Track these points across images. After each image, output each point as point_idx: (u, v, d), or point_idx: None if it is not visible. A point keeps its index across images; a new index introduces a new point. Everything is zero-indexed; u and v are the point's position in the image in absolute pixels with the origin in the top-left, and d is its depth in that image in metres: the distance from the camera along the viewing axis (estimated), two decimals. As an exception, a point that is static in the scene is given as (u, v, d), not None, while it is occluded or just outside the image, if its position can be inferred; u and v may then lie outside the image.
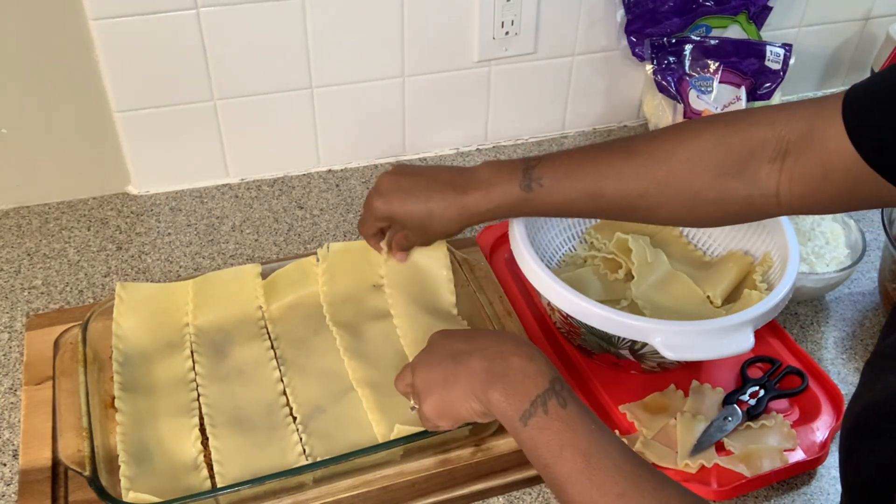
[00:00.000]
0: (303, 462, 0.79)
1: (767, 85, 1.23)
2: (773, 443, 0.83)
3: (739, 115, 0.74)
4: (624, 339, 0.82)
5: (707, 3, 1.23)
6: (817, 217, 1.03)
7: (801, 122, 0.68)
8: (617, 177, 0.75)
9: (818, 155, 0.67)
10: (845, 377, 0.94)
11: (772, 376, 0.90)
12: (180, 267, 1.06)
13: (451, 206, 0.81)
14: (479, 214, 0.81)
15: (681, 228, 1.02)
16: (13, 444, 0.84)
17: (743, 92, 1.20)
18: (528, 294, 0.99)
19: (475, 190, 0.81)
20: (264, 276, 0.95)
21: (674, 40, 1.21)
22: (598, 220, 1.03)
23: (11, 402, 0.88)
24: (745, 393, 0.87)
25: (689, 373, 0.91)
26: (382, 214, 0.86)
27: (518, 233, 0.87)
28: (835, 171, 0.66)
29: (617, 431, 0.81)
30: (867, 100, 0.65)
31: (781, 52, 1.22)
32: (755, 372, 0.91)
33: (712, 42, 1.21)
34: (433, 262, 0.95)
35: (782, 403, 0.89)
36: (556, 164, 0.78)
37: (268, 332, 0.93)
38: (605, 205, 0.77)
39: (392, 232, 0.91)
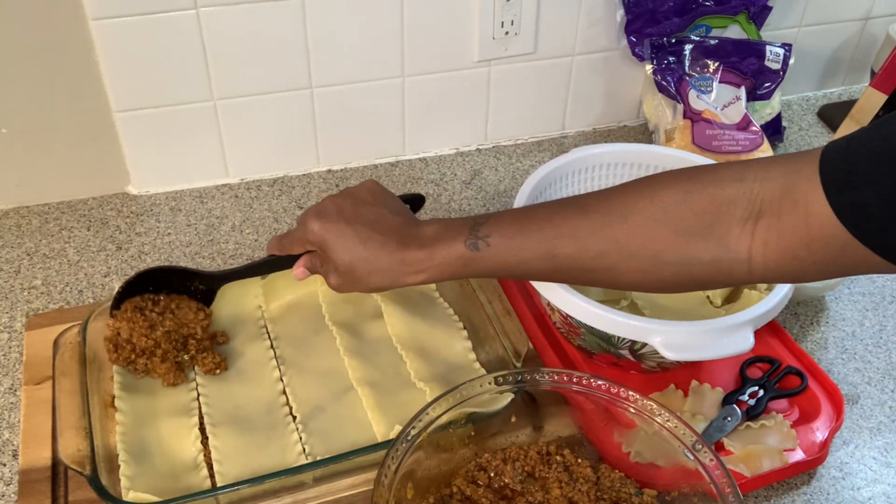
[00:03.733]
0: (302, 461, 0.79)
1: (767, 85, 1.23)
2: (773, 443, 0.83)
3: (705, 169, 0.67)
4: (624, 339, 0.81)
5: (707, 3, 1.23)
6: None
7: (775, 181, 0.61)
8: (572, 235, 0.69)
9: (798, 219, 0.60)
10: (845, 377, 0.94)
11: (771, 376, 0.90)
12: (180, 267, 1.06)
13: (388, 255, 0.74)
14: (417, 273, 0.74)
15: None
16: (13, 444, 0.84)
17: (743, 92, 1.20)
18: (528, 294, 0.99)
19: (418, 247, 0.74)
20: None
21: (674, 40, 1.21)
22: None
23: (11, 402, 0.88)
24: (744, 393, 0.87)
25: (688, 373, 0.91)
26: (315, 239, 0.78)
27: (518, 233, 0.87)
28: (817, 239, 0.59)
29: (616, 431, 0.81)
30: (848, 167, 0.57)
31: (781, 51, 1.22)
32: (755, 372, 0.91)
33: (712, 42, 1.21)
34: None
35: (782, 403, 0.88)
36: (506, 222, 0.72)
37: (267, 332, 0.93)
38: (560, 265, 0.71)
39: (313, 260, 0.83)
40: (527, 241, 0.71)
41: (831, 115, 1.37)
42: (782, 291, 0.82)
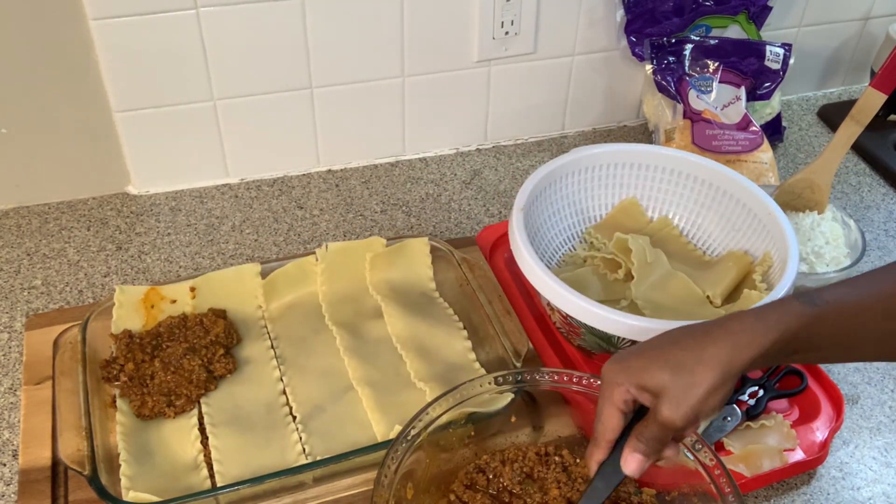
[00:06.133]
0: (302, 461, 0.79)
1: (767, 85, 1.23)
2: (773, 443, 0.83)
3: None
4: (624, 339, 0.81)
5: (707, 3, 1.23)
6: (817, 217, 1.03)
7: None
8: None
9: None
10: (845, 377, 0.94)
11: (771, 376, 0.90)
12: (180, 267, 1.06)
13: (710, 337, 0.64)
14: (748, 345, 0.62)
15: (680, 228, 1.02)
16: (13, 444, 0.84)
17: (743, 92, 1.20)
18: (528, 294, 0.99)
19: (741, 316, 0.64)
20: (264, 275, 0.95)
21: (673, 40, 1.21)
22: (599, 221, 1.03)
23: (11, 402, 0.88)
24: (744, 393, 0.87)
25: (688, 373, 0.91)
26: (617, 375, 0.65)
27: (518, 233, 0.87)
28: None
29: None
30: None
31: (781, 51, 1.22)
32: (755, 372, 0.91)
33: (712, 42, 1.21)
34: (414, 257, 0.98)
35: (782, 403, 0.89)
36: (835, 286, 0.65)
37: (267, 332, 0.93)
38: None
39: (639, 432, 0.66)
40: (866, 297, 0.64)
41: (831, 115, 1.37)
42: (782, 291, 0.82)
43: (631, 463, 0.66)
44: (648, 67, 1.23)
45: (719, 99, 1.20)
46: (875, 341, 0.65)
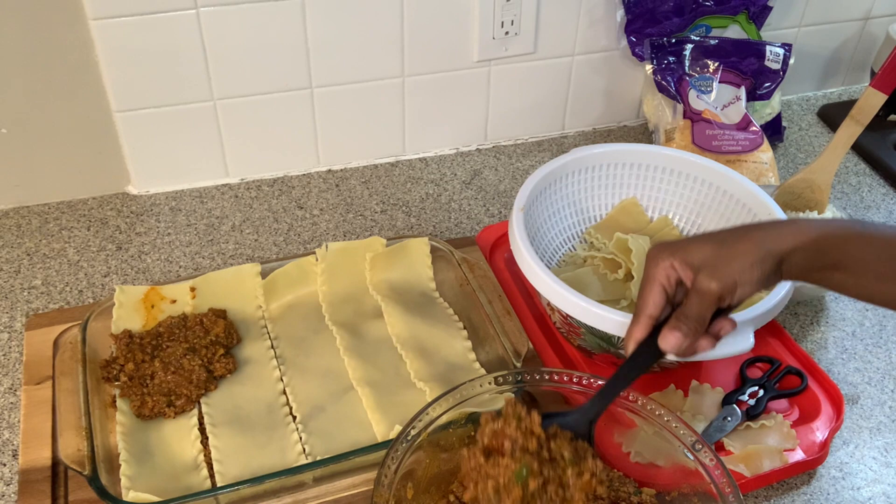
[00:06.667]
0: (302, 461, 0.79)
1: (767, 85, 1.23)
2: (773, 443, 0.83)
3: None
4: (624, 339, 0.81)
5: (707, 3, 1.23)
6: (817, 216, 1.03)
7: None
8: None
9: None
10: (845, 377, 0.94)
11: (771, 376, 0.90)
12: (180, 267, 1.06)
13: (749, 227, 0.68)
14: (788, 235, 0.66)
15: (680, 228, 1.02)
16: (13, 444, 0.84)
17: (743, 92, 1.20)
18: (528, 294, 0.99)
19: (785, 223, 0.69)
20: (264, 275, 0.95)
21: (674, 40, 1.21)
22: (599, 221, 1.03)
23: (11, 402, 0.88)
24: (744, 393, 0.87)
25: (688, 373, 0.91)
26: (661, 254, 0.68)
27: (518, 233, 0.87)
28: None
29: (616, 431, 0.81)
30: None
31: (781, 51, 1.22)
32: (755, 372, 0.91)
33: (712, 42, 1.21)
34: (414, 257, 0.98)
35: (782, 403, 0.89)
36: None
37: (267, 332, 0.93)
38: None
39: (678, 314, 0.68)
40: None
41: (831, 115, 1.37)
42: (782, 291, 0.82)
43: (669, 339, 0.66)
44: (648, 67, 1.23)
45: (719, 99, 1.20)
46: None
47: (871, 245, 0.64)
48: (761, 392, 0.88)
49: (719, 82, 1.20)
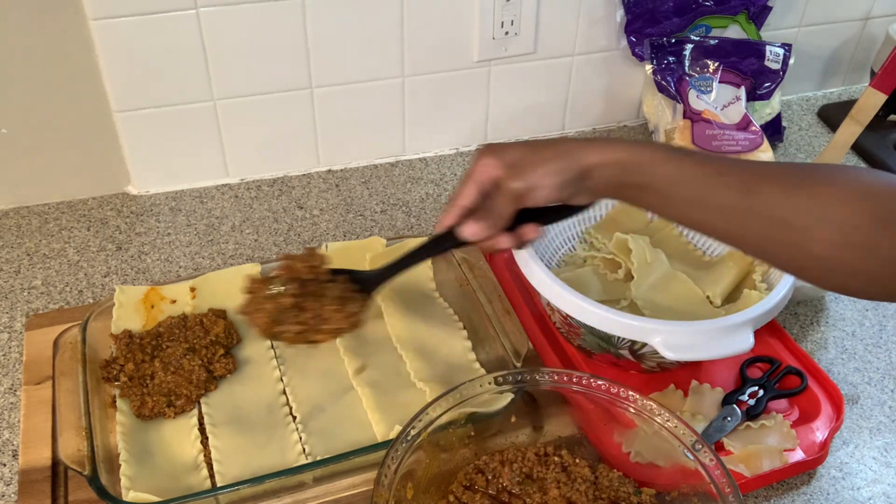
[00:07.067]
0: (302, 461, 0.79)
1: (767, 85, 1.23)
2: (773, 443, 0.83)
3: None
4: (624, 339, 0.82)
5: (707, 3, 1.23)
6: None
7: None
8: (778, 176, 0.64)
9: None
10: (845, 377, 0.94)
11: (771, 376, 0.90)
12: (180, 267, 1.06)
13: (563, 140, 0.72)
14: (593, 150, 0.69)
15: (680, 228, 1.02)
16: (13, 444, 0.84)
17: (742, 92, 1.20)
18: (528, 294, 0.99)
19: (599, 139, 0.73)
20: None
21: (673, 40, 1.21)
22: (599, 221, 1.03)
23: (11, 402, 0.88)
24: (744, 393, 0.87)
25: (688, 373, 0.91)
26: (484, 152, 0.73)
27: (518, 233, 0.87)
28: None
29: (616, 431, 0.81)
30: None
31: (781, 51, 1.22)
32: (754, 372, 0.91)
33: (712, 42, 1.21)
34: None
35: (782, 403, 0.89)
36: (707, 153, 0.71)
37: (268, 332, 0.93)
38: (755, 205, 0.64)
39: (480, 213, 0.74)
40: (730, 167, 0.66)
41: (831, 115, 1.37)
42: (782, 291, 0.82)
43: (469, 227, 0.74)
44: (648, 67, 1.23)
45: (719, 99, 1.20)
46: (726, 211, 0.65)
47: (680, 169, 0.67)
48: (761, 392, 0.88)
49: (719, 82, 1.20)
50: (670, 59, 1.21)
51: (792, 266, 0.66)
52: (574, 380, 0.78)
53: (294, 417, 0.84)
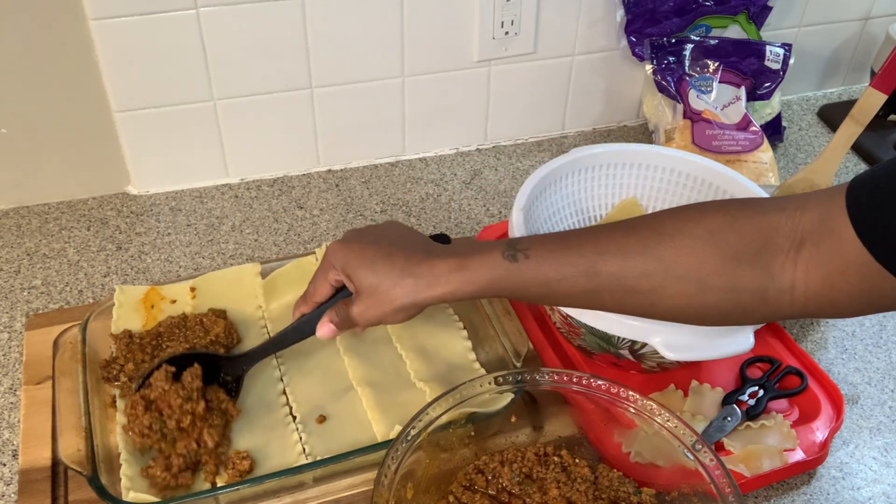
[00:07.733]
0: (302, 461, 0.79)
1: (767, 85, 1.23)
2: (773, 443, 0.83)
3: (749, 200, 0.69)
4: (624, 339, 0.81)
5: (707, 3, 1.23)
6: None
7: (814, 210, 0.62)
8: (617, 252, 0.67)
9: (833, 247, 0.60)
10: (845, 377, 0.94)
11: (771, 376, 0.90)
12: (180, 267, 1.06)
13: (413, 265, 0.72)
14: (445, 284, 0.72)
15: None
16: (13, 444, 0.84)
17: (743, 92, 1.20)
18: (528, 294, 0.99)
19: (449, 255, 0.72)
20: (264, 275, 0.95)
21: (673, 40, 1.21)
22: (599, 221, 1.03)
23: (11, 402, 0.88)
24: (744, 393, 0.87)
25: (688, 373, 0.91)
26: (336, 260, 0.77)
27: (518, 233, 0.87)
28: (851, 267, 0.59)
29: (616, 431, 0.81)
30: (873, 198, 0.58)
31: (781, 51, 1.22)
32: (754, 372, 0.91)
33: (712, 42, 1.21)
34: None
35: (782, 403, 0.89)
36: (547, 239, 0.72)
37: (267, 332, 0.93)
38: (601, 283, 0.68)
39: (337, 309, 0.78)
40: (568, 255, 0.69)
41: (831, 115, 1.37)
42: (782, 291, 0.82)
43: (324, 329, 0.79)
44: (648, 67, 1.23)
45: (719, 99, 1.20)
46: (576, 295, 0.70)
47: (520, 277, 0.70)
48: (761, 392, 0.88)
49: (719, 82, 1.20)
50: (670, 59, 1.21)
51: (669, 318, 0.70)
52: (574, 380, 0.77)
53: (294, 417, 0.84)
